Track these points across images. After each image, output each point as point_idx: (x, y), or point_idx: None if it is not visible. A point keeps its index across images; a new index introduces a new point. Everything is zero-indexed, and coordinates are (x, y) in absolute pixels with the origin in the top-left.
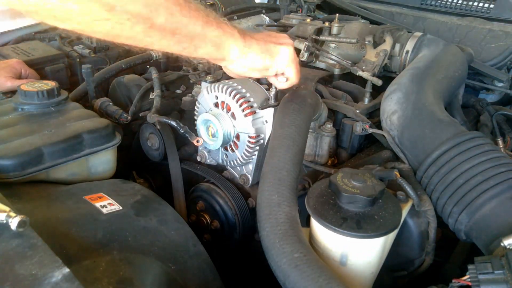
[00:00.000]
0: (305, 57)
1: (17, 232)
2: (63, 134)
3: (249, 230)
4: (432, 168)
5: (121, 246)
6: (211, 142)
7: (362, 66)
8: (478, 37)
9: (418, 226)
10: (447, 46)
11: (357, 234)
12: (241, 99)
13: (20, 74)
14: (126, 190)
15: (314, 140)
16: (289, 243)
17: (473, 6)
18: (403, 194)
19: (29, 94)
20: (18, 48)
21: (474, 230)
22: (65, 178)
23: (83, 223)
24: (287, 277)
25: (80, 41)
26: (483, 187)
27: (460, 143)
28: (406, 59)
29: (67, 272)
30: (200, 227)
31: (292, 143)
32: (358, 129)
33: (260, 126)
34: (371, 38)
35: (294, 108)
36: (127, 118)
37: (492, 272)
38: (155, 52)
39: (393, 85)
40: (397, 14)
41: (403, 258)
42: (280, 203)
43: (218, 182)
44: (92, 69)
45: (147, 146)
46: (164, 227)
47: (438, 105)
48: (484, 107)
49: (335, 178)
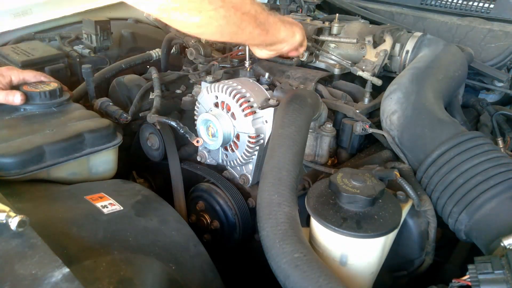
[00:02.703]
0: (305, 57)
1: (17, 231)
2: (64, 133)
3: (249, 230)
4: (432, 168)
5: (122, 246)
6: (211, 142)
7: (362, 66)
8: (478, 37)
9: (418, 226)
10: (447, 46)
11: (357, 234)
12: (241, 99)
13: (10, 82)
14: (127, 190)
15: (314, 140)
16: (289, 243)
17: (473, 6)
18: (403, 194)
19: (32, 95)
20: (18, 48)
21: (474, 230)
22: (66, 178)
23: (84, 223)
24: (287, 277)
25: (80, 41)
26: (483, 187)
27: (460, 143)
28: (406, 59)
29: (66, 272)
30: (200, 227)
31: (292, 143)
32: (358, 129)
33: (260, 126)
34: (371, 38)
35: (294, 108)
36: (127, 118)
37: (492, 272)
38: (155, 52)
39: (393, 85)
40: (397, 14)
41: (403, 258)
42: (280, 203)
43: (218, 182)
44: (92, 69)
45: (147, 146)
46: (164, 227)
47: (438, 105)
48: (484, 107)
49: (335, 178)
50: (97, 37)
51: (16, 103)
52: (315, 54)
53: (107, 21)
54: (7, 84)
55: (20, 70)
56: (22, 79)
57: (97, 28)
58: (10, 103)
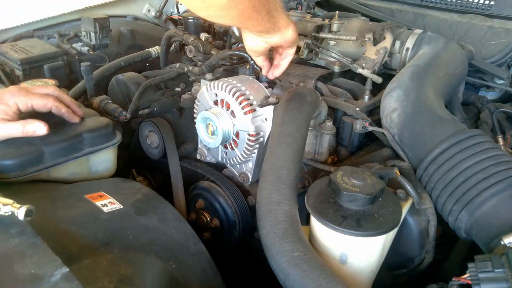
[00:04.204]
0: (304, 55)
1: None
2: (63, 134)
3: (249, 228)
4: (432, 166)
5: (122, 245)
6: (210, 140)
7: (362, 64)
8: (478, 34)
9: (418, 224)
10: (448, 44)
11: (357, 233)
12: (240, 97)
13: (17, 111)
14: (126, 188)
15: (314, 138)
16: (289, 241)
17: (474, 3)
18: (403, 192)
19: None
20: (16, 45)
21: (474, 228)
22: (66, 177)
23: (83, 222)
24: (287, 276)
25: (79, 39)
26: (484, 185)
27: (461, 141)
28: (406, 56)
29: (66, 272)
30: (199, 225)
31: (292, 141)
32: (358, 127)
33: (259, 124)
34: (371, 35)
35: (294, 106)
36: (126, 116)
37: (493, 270)
38: (154, 49)
39: (393, 82)
40: (397, 11)
41: (403, 256)
42: (280, 201)
43: (217, 180)
44: (91, 66)
45: (147, 144)
46: (164, 225)
47: (438, 103)
48: (484, 104)
49: (335, 177)
50: (96, 35)
51: (40, 134)
52: (314, 51)
53: (106, 19)
54: (15, 114)
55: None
56: (30, 106)
57: (96, 26)
58: (31, 135)
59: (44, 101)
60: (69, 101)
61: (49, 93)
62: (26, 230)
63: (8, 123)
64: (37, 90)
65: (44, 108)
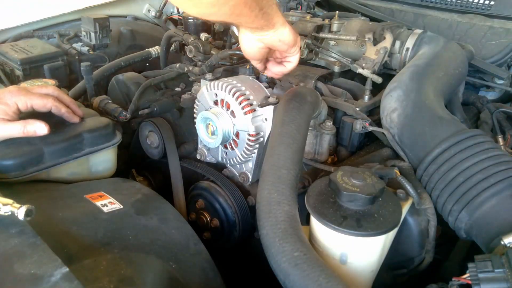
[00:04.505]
0: (304, 55)
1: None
2: (63, 134)
3: (249, 228)
4: (432, 166)
5: (122, 245)
6: (210, 140)
7: (362, 64)
8: (478, 34)
9: (418, 224)
10: (447, 44)
11: (357, 233)
12: (240, 97)
13: (17, 111)
14: (126, 189)
15: (314, 138)
16: (289, 241)
17: (474, 3)
18: (403, 192)
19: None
20: (16, 45)
21: (474, 228)
22: (66, 177)
23: (83, 222)
24: (287, 276)
25: (79, 39)
26: (484, 185)
27: (461, 141)
28: (406, 56)
29: (66, 272)
30: (199, 225)
31: (292, 141)
32: (358, 127)
33: (259, 124)
34: (371, 35)
35: (294, 106)
36: (126, 116)
37: (493, 270)
38: (154, 49)
39: (393, 82)
40: (397, 11)
41: (403, 256)
42: (280, 201)
43: (217, 180)
44: (91, 66)
45: (147, 144)
46: (164, 225)
47: (438, 103)
48: (484, 104)
49: (335, 176)
50: (96, 35)
51: (41, 134)
52: (315, 51)
53: (106, 19)
54: (14, 114)
55: (27, 95)
56: (30, 106)
57: (96, 26)
58: (32, 135)
59: (44, 101)
60: (69, 101)
61: (49, 93)
62: (26, 230)
63: (8, 123)
64: (37, 90)
65: (44, 108)
